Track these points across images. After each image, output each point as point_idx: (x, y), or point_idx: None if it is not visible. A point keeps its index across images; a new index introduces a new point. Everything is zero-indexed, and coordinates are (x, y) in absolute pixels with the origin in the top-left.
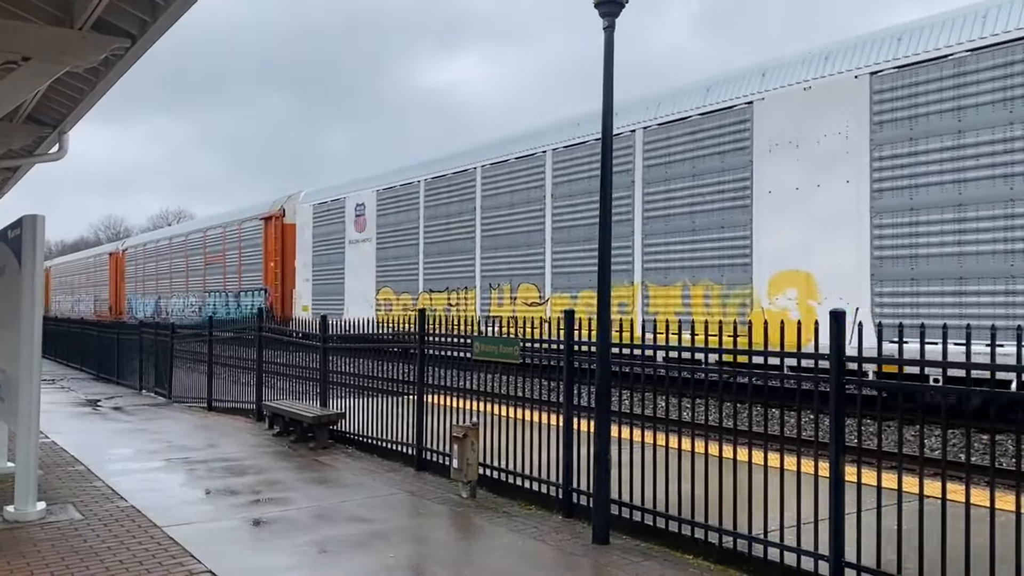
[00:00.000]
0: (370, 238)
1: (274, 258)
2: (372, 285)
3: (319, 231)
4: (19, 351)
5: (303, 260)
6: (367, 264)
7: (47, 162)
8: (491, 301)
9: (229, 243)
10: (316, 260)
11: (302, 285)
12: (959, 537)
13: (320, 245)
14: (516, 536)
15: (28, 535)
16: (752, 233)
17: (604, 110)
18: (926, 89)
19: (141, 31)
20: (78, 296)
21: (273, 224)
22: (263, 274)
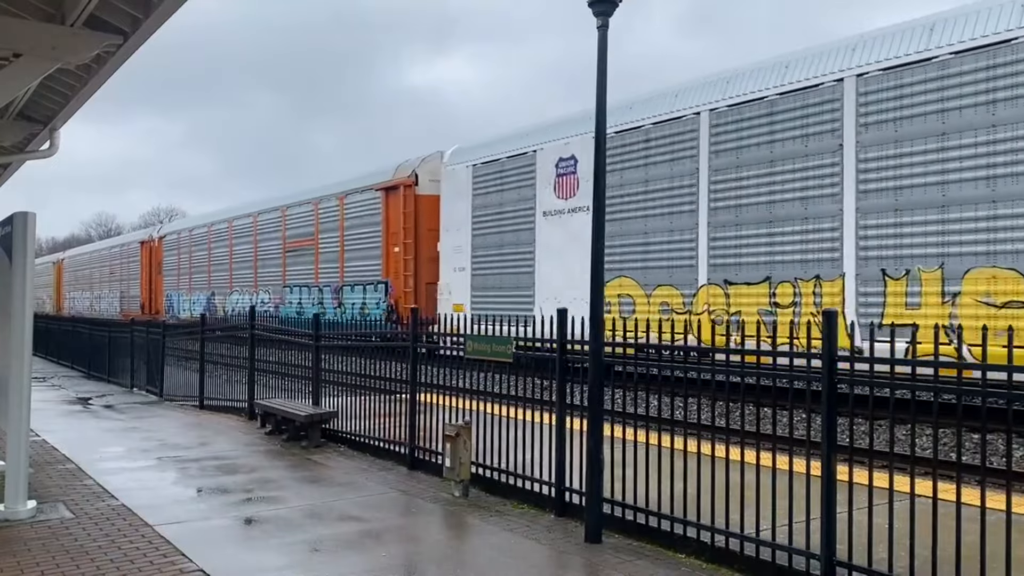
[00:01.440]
0: (583, 206)
1: (401, 241)
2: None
3: (483, 200)
4: (9, 348)
5: (453, 242)
6: (578, 244)
7: (38, 159)
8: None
9: (326, 223)
10: (478, 241)
11: (451, 276)
12: (950, 536)
13: (485, 220)
14: (509, 535)
15: (18, 534)
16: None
17: (598, 109)
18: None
19: (133, 28)
20: (98, 292)
21: (400, 196)
22: (382, 262)
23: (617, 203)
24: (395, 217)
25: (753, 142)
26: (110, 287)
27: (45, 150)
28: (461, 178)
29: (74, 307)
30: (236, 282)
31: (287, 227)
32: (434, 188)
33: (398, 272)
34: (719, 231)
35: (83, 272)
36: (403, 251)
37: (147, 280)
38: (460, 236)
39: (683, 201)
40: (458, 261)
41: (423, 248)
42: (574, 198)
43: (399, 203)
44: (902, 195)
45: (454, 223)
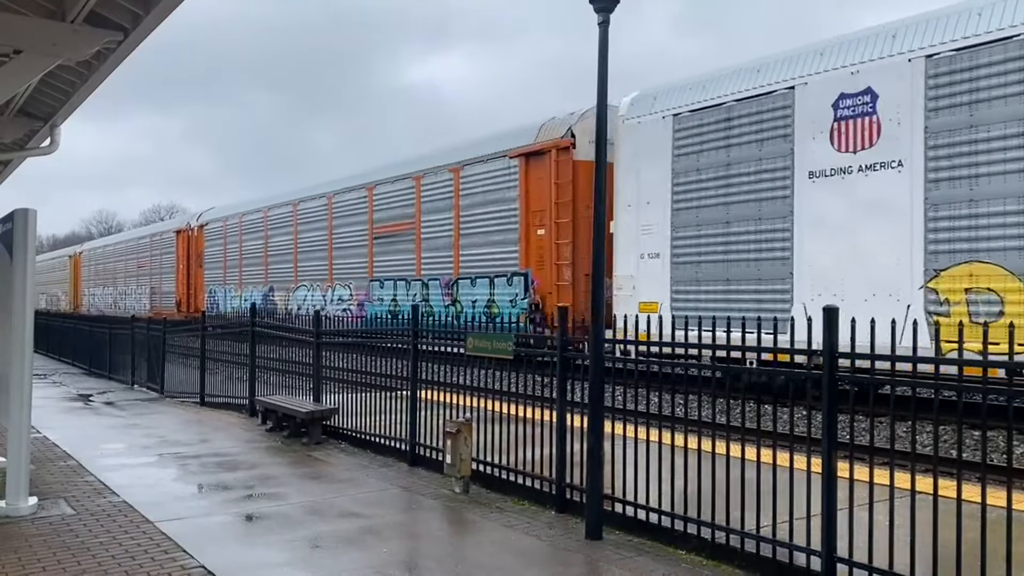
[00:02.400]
0: (886, 161)
1: (550, 221)
2: (911, 259)
3: (693, 162)
4: (10, 345)
5: (638, 220)
6: (879, 215)
7: (39, 156)
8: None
9: (432, 202)
10: (683, 218)
11: (636, 266)
12: (951, 533)
13: (698, 189)
14: (509, 531)
15: (20, 530)
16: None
17: (599, 106)
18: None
19: (134, 24)
20: (123, 288)
21: (548, 164)
22: (520, 249)
23: (964, 154)
24: (540, 190)
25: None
26: (138, 282)
27: (46, 147)
28: (652, 135)
29: (94, 304)
30: (303, 275)
31: (375, 209)
32: (613, 148)
33: (544, 261)
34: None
35: (105, 266)
36: (553, 234)
37: (184, 274)
38: (651, 212)
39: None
40: (648, 245)
41: (582, 230)
42: (869, 150)
43: (547, 172)
44: None
45: (640, 195)
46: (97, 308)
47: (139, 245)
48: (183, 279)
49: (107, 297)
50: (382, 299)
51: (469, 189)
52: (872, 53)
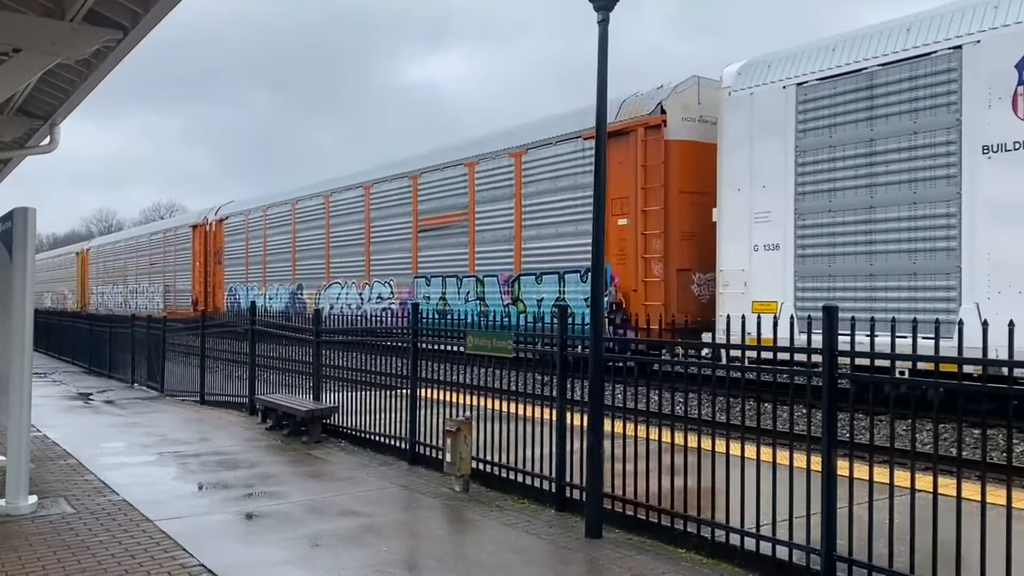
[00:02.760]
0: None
1: (635, 209)
2: None
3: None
4: (10, 344)
5: (751, 207)
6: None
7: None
8: None
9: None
10: (810, 204)
11: (748, 259)
12: (951, 531)
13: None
14: (509, 530)
15: (19, 529)
16: None
17: (599, 105)
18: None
19: (133, 23)
20: (134, 286)
21: (633, 144)
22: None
23: None
24: (622, 174)
25: None
26: (150, 280)
27: (45, 145)
28: (768, 108)
29: (103, 303)
30: (337, 272)
31: (420, 199)
32: (691, 131)
33: (628, 254)
34: None
35: (114, 263)
36: (639, 224)
37: (201, 271)
38: (767, 197)
39: None
40: (763, 235)
41: (674, 219)
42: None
43: (631, 153)
44: None
45: (753, 177)
46: (106, 307)
47: (152, 241)
48: (200, 276)
49: (117, 296)
50: (428, 297)
51: (533, 175)
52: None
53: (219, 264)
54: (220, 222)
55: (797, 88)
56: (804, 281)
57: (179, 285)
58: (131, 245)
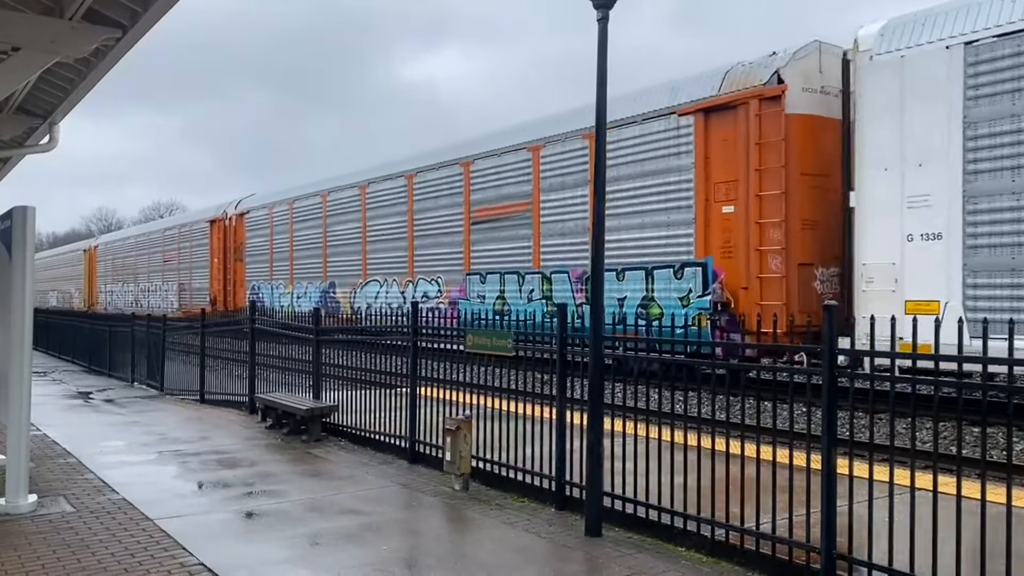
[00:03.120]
0: None
1: (745, 193)
2: None
3: (1007, 105)
4: (10, 343)
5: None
6: None
7: (38, 153)
8: None
9: (556, 176)
10: (984, 185)
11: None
12: (951, 529)
13: (1020, 142)
14: (509, 528)
15: (19, 528)
16: None
17: (598, 104)
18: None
19: (132, 21)
20: (146, 285)
21: (743, 119)
22: (695, 232)
23: None
24: (727, 154)
25: None
26: (163, 278)
27: (45, 144)
28: (925, 72)
29: (112, 302)
30: (375, 268)
31: (473, 188)
32: (813, 103)
33: (735, 246)
34: None
35: (124, 260)
36: (752, 211)
37: (220, 268)
38: (924, 177)
39: None
40: (919, 223)
41: (795, 205)
42: None
43: (739, 131)
44: None
45: (905, 154)
46: (115, 307)
47: (165, 237)
48: (218, 274)
49: (127, 295)
50: (483, 296)
51: (614, 158)
52: None
53: (240, 261)
54: (241, 216)
55: (966, 48)
56: (976, 276)
57: (195, 283)
58: (143, 242)
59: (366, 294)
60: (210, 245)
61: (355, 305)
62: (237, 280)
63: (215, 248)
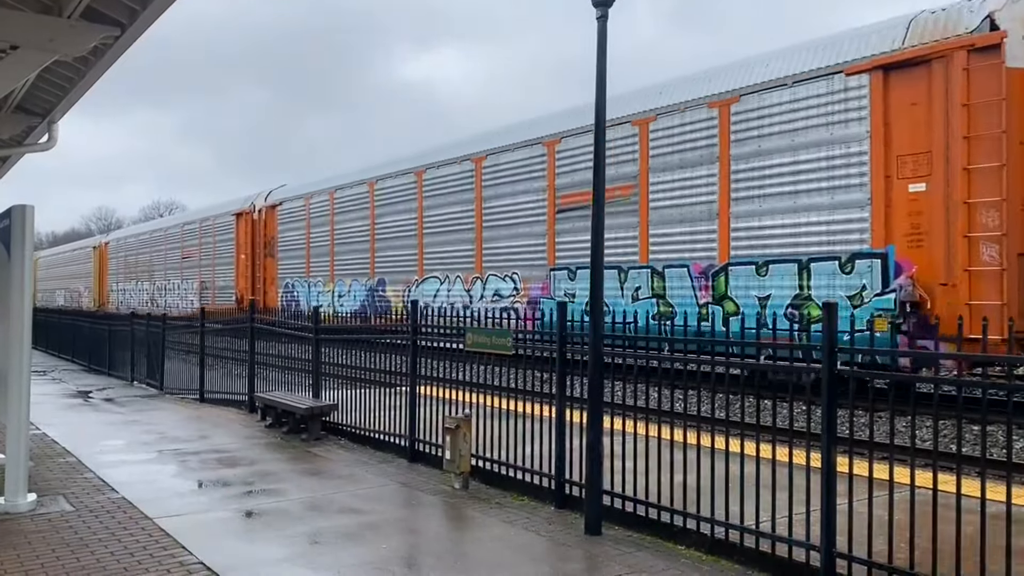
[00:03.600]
0: None
1: (928, 169)
2: None
3: None
4: (9, 342)
5: None
6: None
7: (37, 152)
8: None
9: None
10: None
11: None
12: (950, 527)
13: None
14: (508, 527)
15: (19, 527)
16: None
17: (597, 102)
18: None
19: (131, 19)
20: (162, 283)
21: (938, 77)
22: (869, 216)
23: None
24: (913, 120)
25: None
26: (182, 275)
27: (44, 143)
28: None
29: (124, 301)
30: (434, 264)
31: (558, 171)
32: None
33: (929, 232)
34: None
35: (138, 257)
36: (955, 189)
37: (247, 265)
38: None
39: None
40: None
41: (1018, 182)
42: None
43: (937, 89)
44: None
45: None
46: (128, 306)
47: (185, 232)
48: (246, 271)
49: (141, 293)
50: (572, 294)
51: (750, 129)
52: None
53: (271, 257)
54: (272, 208)
55: None
56: None
57: (219, 281)
58: (158, 237)
59: (423, 292)
60: (236, 240)
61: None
62: (267, 277)
63: (242, 243)
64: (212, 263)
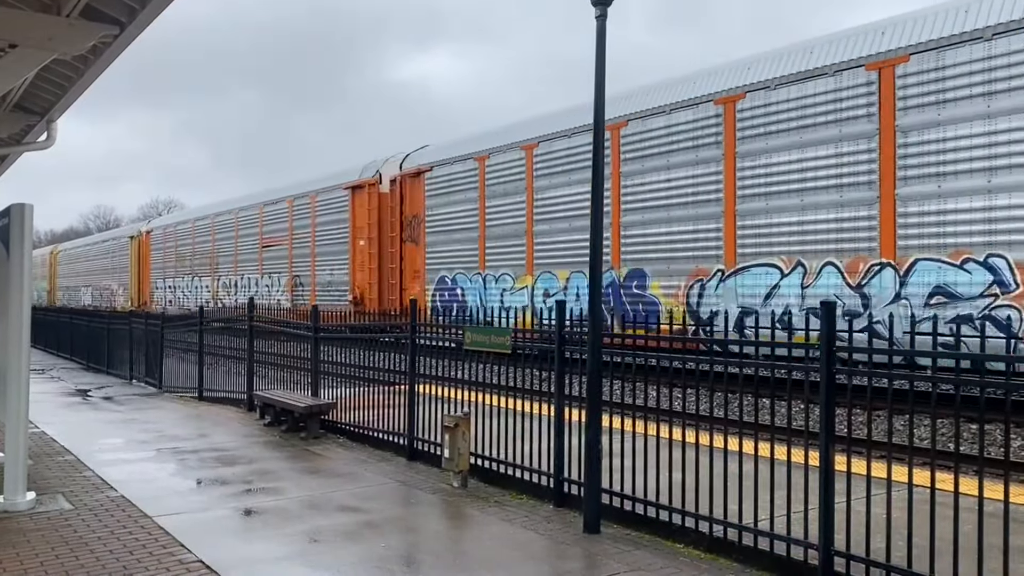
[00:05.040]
0: None
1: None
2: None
3: None
4: (8, 340)
5: None
6: None
7: (36, 150)
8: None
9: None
10: None
11: None
12: (948, 525)
13: None
14: (507, 525)
15: (18, 526)
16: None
17: (596, 102)
18: None
19: (130, 18)
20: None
21: None
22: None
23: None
24: None
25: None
26: (263, 269)
27: (42, 142)
28: None
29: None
30: (765, 242)
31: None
32: None
33: None
34: None
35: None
36: None
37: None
38: None
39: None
40: None
41: None
42: None
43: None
44: None
45: None
46: (181, 305)
47: (265, 215)
48: (368, 262)
49: (199, 290)
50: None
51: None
52: None
53: (411, 242)
54: (415, 177)
55: None
56: None
57: (323, 275)
58: (225, 222)
59: (740, 289)
60: (351, 221)
61: (717, 307)
62: (407, 269)
63: (360, 225)
64: (310, 252)
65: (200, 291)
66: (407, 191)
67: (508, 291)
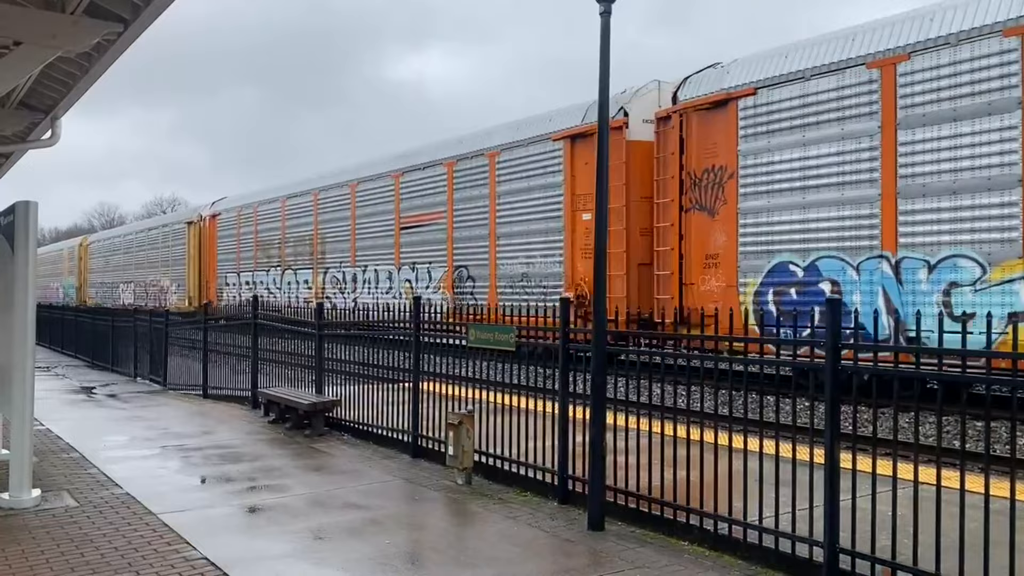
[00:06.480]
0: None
1: None
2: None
3: None
4: (13, 338)
5: None
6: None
7: (40, 148)
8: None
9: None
10: None
11: None
12: (953, 523)
13: None
14: (511, 523)
15: (23, 522)
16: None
17: (600, 99)
18: None
19: (134, 15)
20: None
21: None
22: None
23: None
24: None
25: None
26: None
27: (47, 139)
28: None
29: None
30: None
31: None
32: None
33: None
34: None
35: (288, 232)
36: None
37: (577, 246)
38: None
39: None
40: None
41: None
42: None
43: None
44: None
45: None
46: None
47: (408, 185)
48: (612, 243)
49: (296, 287)
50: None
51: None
52: None
53: (707, 212)
54: (715, 109)
55: None
56: None
57: (513, 266)
58: (331, 199)
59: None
60: (567, 186)
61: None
62: (693, 253)
63: (581, 192)
64: (487, 233)
65: (295, 288)
66: (693, 132)
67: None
